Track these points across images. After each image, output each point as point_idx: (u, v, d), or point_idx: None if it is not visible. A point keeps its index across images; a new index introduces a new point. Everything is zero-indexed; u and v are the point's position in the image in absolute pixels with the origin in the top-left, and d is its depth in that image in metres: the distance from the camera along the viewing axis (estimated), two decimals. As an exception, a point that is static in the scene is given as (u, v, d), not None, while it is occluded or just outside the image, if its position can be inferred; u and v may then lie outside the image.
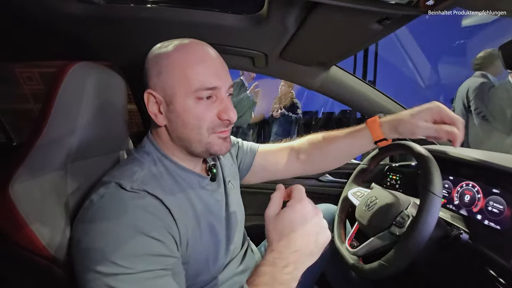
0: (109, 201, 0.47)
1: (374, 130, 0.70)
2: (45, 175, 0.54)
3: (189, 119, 0.53)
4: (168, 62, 0.53)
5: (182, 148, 0.58)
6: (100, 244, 0.43)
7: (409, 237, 0.56)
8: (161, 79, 0.53)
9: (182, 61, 0.52)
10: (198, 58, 0.53)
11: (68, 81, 0.57)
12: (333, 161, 0.80)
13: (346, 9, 0.50)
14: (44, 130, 0.55)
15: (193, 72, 0.52)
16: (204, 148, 0.56)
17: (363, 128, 0.72)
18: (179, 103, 0.53)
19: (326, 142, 0.78)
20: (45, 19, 0.68)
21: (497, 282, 0.58)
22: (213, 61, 0.54)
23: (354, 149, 0.75)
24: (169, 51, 0.54)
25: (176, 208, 0.52)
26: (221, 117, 0.55)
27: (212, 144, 0.56)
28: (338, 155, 0.78)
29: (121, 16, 0.72)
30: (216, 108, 0.55)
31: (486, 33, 4.38)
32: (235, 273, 0.66)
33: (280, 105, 4.02)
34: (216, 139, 0.57)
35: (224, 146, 0.58)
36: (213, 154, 0.58)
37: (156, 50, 0.56)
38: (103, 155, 0.69)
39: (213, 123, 0.55)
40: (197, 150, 0.57)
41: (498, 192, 0.65)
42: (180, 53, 0.53)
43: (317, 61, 0.90)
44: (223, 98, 0.55)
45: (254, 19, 0.70)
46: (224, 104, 0.55)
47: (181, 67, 0.52)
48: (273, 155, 0.83)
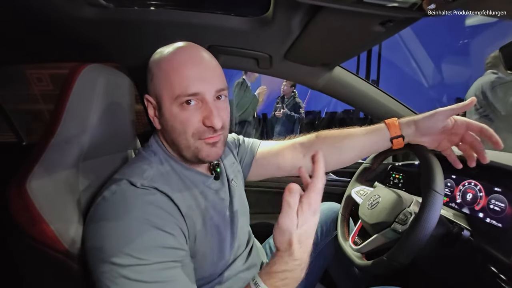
0: (121, 197, 0.49)
1: (392, 126, 0.70)
2: (59, 172, 0.56)
3: (175, 124, 0.54)
4: (158, 68, 0.54)
5: (176, 152, 0.60)
6: (115, 238, 0.45)
7: (411, 234, 0.57)
8: (152, 84, 0.56)
9: (168, 66, 0.53)
10: (184, 62, 0.53)
11: (80, 83, 0.59)
12: (345, 158, 0.77)
13: (350, 12, 0.51)
14: (57, 129, 0.57)
15: (176, 77, 0.52)
16: (192, 154, 0.56)
17: (381, 126, 0.72)
18: (166, 109, 0.54)
19: (339, 138, 0.76)
20: (57, 22, 0.70)
21: (498, 278, 0.59)
22: (199, 65, 0.53)
23: (368, 146, 0.74)
24: (160, 56, 0.55)
25: (183, 205, 0.54)
26: (205, 123, 0.54)
27: (200, 150, 0.56)
28: (351, 152, 0.76)
29: (129, 19, 0.74)
30: (201, 114, 0.54)
31: (490, 33, 4.35)
32: (240, 270, 0.67)
33: (282, 105, 4.03)
34: (203, 145, 0.56)
35: (213, 151, 0.57)
36: (201, 160, 0.58)
37: (154, 55, 0.58)
38: (112, 154, 0.72)
39: (198, 129, 0.54)
40: (187, 156, 0.57)
41: (500, 191, 0.66)
42: (168, 58, 0.53)
43: (320, 62, 0.91)
44: (208, 103, 0.53)
45: (259, 21, 0.71)
46: (208, 109, 0.53)
47: (166, 73, 0.53)
48: (275, 153, 0.80)
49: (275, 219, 0.50)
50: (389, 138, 0.70)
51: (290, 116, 4.00)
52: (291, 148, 0.80)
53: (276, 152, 0.80)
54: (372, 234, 0.72)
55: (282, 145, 0.81)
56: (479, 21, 3.81)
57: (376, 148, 0.74)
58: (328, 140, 0.77)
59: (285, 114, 3.99)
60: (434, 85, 5.87)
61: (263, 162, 0.81)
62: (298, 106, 4.02)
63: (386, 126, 0.71)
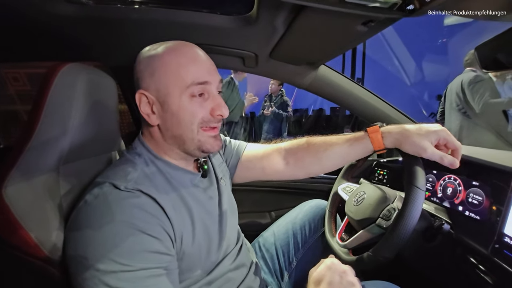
0: (104, 201, 0.47)
1: (375, 140, 0.68)
2: (37, 177, 0.53)
3: (184, 116, 0.55)
4: (161, 62, 0.54)
5: (176, 147, 0.59)
6: (97, 243, 0.44)
7: (394, 229, 0.59)
8: (154, 79, 0.55)
9: (175, 61, 0.54)
10: (190, 58, 0.55)
11: (58, 82, 0.56)
12: (328, 167, 0.77)
13: (332, 12, 0.52)
14: (35, 132, 0.55)
15: (186, 70, 0.54)
16: (196, 146, 0.58)
17: (363, 136, 0.70)
18: (174, 102, 0.55)
19: (322, 148, 0.75)
20: (33, 20, 0.67)
21: (477, 268, 0.62)
22: (202, 59, 0.57)
23: (351, 156, 0.74)
24: (160, 52, 0.55)
25: (169, 207, 0.53)
26: (214, 113, 0.57)
27: (203, 142, 0.58)
28: (333, 162, 0.76)
29: (110, 17, 0.71)
30: (209, 105, 0.57)
31: (466, 32, 4.52)
32: (229, 269, 0.67)
33: (270, 103, 4.05)
34: (207, 138, 0.58)
35: (216, 144, 0.60)
36: (205, 152, 0.60)
37: (146, 52, 0.57)
38: (95, 156, 0.69)
39: (204, 119, 0.57)
40: (190, 148, 0.58)
41: (478, 185, 0.69)
42: (172, 54, 0.55)
43: (306, 61, 0.92)
44: (215, 95, 0.58)
45: (244, 20, 0.71)
46: (217, 100, 0.58)
47: (174, 67, 0.54)
48: (261, 157, 0.80)
49: (263, 218, 0.50)
50: (372, 150, 0.70)
51: (278, 114, 4.03)
52: (276, 153, 0.80)
53: (261, 156, 0.81)
54: (358, 230, 0.73)
55: (268, 149, 0.82)
56: (457, 21, 3.96)
57: (359, 157, 0.74)
58: (312, 149, 0.77)
59: (273, 112, 4.02)
60: (416, 83, 6.06)
61: (249, 164, 0.81)
62: (285, 104, 4.06)
63: (369, 137, 0.69)
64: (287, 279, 0.86)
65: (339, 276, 0.53)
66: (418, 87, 6.06)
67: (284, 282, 0.86)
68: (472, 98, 2.15)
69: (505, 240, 0.57)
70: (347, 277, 0.52)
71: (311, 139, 0.79)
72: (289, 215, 0.99)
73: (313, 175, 0.82)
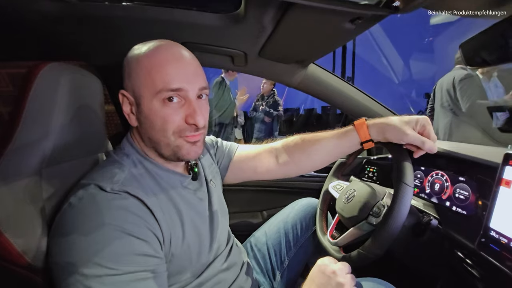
0: (89, 203, 0.46)
1: (361, 131, 0.69)
2: (18, 181, 0.51)
3: (156, 121, 0.53)
4: (137, 63, 0.53)
5: (153, 150, 0.58)
6: (82, 247, 0.42)
7: (384, 226, 0.59)
8: (130, 80, 0.54)
9: (149, 63, 0.52)
10: (166, 60, 0.52)
11: (39, 83, 0.54)
12: (318, 162, 0.78)
13: (320, 9, 0.52)
14: (15, 134, 0.53)
15: (158, 73, 0.51)
16: (172, 152, 0.55)
17: (350, 129, 0.72)
18: (146, 105, 0.53)
19: (310, 143, 0.76)
20: (15, 18, 0.65)
21: (465, 262, 0.63)
22: (182, 63, 0.53)
23: (339, 150, 0.75)
24: (140, 53, 0.53)
25: (158, 209, 0.52)
26: (188, 121, 0.53)
27: (180, 148, 0.55)
28: (323, 157, 0.77)
29: (95, 15, 0.70)
30: (184, 111, 0.53)
31: (452, 31, 4.63)
32: (220, 270, 0.66)
33: (262, 102, 4.06)
34: (184, 143, 0.55)
35: (193, 151, 0.56)
36: (181, 159, 0.57)
37: (131, 52, 0.56)
38: (80, 159, 0.67)
39: (180, 127, 0.53)
40: (165, 153, 0.56)
41: (464, 180, 0.71)
42: (149, 55, 0.52)
43: (295, 59, 0.92)
44: (191, 101, 0.53)
45: (232, 18, 0.70)
46: (192, 108, 0.53)
47: (147, 69, 0.52)
48: (252, 157, 0.81)
49: (254, 218, 0.50)
50: (359, 142, 0.71)
51: (269, 114, 4.04)
52: (267, 152, 0.81)
53: (253, 156, 0.81)
54: (348, 227, 0.74)
55: (259, 149, 0.83)
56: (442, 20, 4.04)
57: (347, 151, 0.75)
58: (300, 146, 0.78)
59: (264, 111, 4.03)
60: (404, 81, 6.18)
61: (240, 165, 0.81)
62: (277, 104, 4.07)
63: (355, 130, 0.70)
64: (279, 279, 0.86)
65: (328, 277, 0.54)
66: (406, 85, 6.18)
67: (276, 282, 0.86)
68: (461, 96, 2.18)
69: (491, 234, 0.58)
70: (336, 278, 0.53)
71: (301, 136, 0.80)
72: (280, 214, 0.99)
73: (305, 172, 0.83)
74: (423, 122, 0.66)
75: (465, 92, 2.16)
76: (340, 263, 0.56)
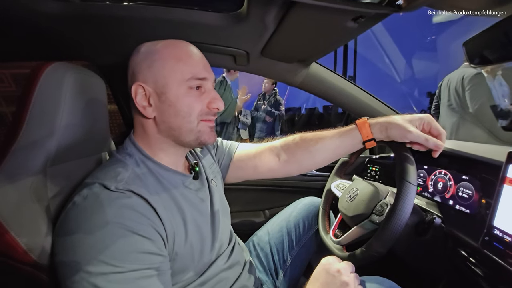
0: (94, 202, 0.46)
1: (363, 130, 0.69)
2: (23, 180, 0.52)
3: (182, 106, 0.56)
4: (160, 55, 0.56)
5: (171, 139, 0.60)
6: (87, 245, 0.43)
7: (387, 224, 0.59)
8: (152, 71, 0.55)
9: (174, 54, 0.56)
10: (187, 52, 0.58)
11: (43, 83, 0.55)
12: (320, 161, 0.78)
13: (323, 8, 0.52)
14: (20, 134, 0.53)
15: (184, 63, 0.56)
16: (195, 137, 0.59)
17: (352, 128, 0.72)
18: (172, 92, 0.56)
19: (312, 142, 0.76)
20: (18, 18, 0.65)
21: (468, 261, 0.63)
22: (198, 56, 0.60)
23: (341, 149, 0.74)
24: (158, 46, 0.57)
25: (161, 207, 0.52)
26: (210, 106, 0.59)
27: (202, 133, 0.60)
28: (325, 155, 0.76)
29: (98, 15, 0.70)
30: (206, 98, 0.59)
31: (455, 29, 4.60)
32: (222, 269, 0.67)
33: (263, 101, 4.06)
34: (205, 128, 0.60)
35: (212, 135, 0.62)
36: (202, 143, 0.61)
37: (143, 47, 0.59)
38: (84, 158, 0.68)
39: (202, 111, 0.59)
40: (187, 139, 0.59)
41: (467, 179, 0.70)
42: (170, 48, 0.57)
43: (297, 58, 0.92)
44: (211, 89, 0.61)
45: (234, 17, 0.71)
46: (213, 94, 0.60)
47: (173, 59, 0.56)
48: (253, 156, 0.81)
49: (257, 217, 0.50)
50: (361, 141, 0.71)
51: (271, 113, 4.04)
52: (268, 151, 0.81)
53: (253, 155, 0.81)
54: (351, 226, 0.74)
55: (259, 148, 0.82)
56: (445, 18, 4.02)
57: (350, 149, 0.74)
58: (302, 144, 0.78)
59: (266, 111, 4.03)
60: (406, 80, 6.14)
61: (241, 164, 0.82)
62: (278, 103, 4.07)
63: (358, 128, 0.70)
64: (282, 277, 0.86)
65: (332, 276, 0.53)
66: (408, 84, 6.15)
67: (279, 280, 0.86)
68: (471, 96, 2.10)
69: (494, 233, 0.58)
70: (341, 277, 0.53)
71: (302, 135, 0.80)
72: (283, 213, 0.99)
73: (306, 171, 0.83)
74: (427, 120, 0.66)
75: (476, 92, 2.10)
76: (344, 262, 0.56)
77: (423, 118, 0.66)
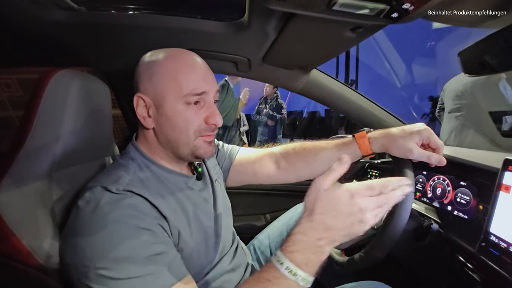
0: (96, 205, 0.48)
1: (363, 146, 0.69)
2: (29, 184, 0.53)
3: (178, 121, 0.56)
4: (160, 67, 0.56)
5: (169, 151, 0.60)
6: (96, 247, 0.44)
7: (385, 230, 0.60)
8: (152, 83, 0.56)
9: (173, 67, 0.55)
10: (188, 64, 0.57)
11: (50, 88, 0.56)
12: (318, 171, 0.78)
13: (322, 19, 0.53)
14: (27, 138, 0.55)
15: (183, 77, 0.55)
16: (190, 151, 0.59)
17: (351, 142, 0.71)
18: (169, 106, 0.55)
19: (311, 153, 0.77)
20: (25, 26, 0.67)
21: (466, 266, 0.64)
22: (201, 68, 0.58)
23: None
24: (160, 57, 0.57)
25: (163, 206, 0.54)
26: (208, 121, 0.58)
27: (198, 147, 0.59)
28: (323, 166, 0.77)
29: (103, 23, 0.72)
30: (204, 113, 0.58)
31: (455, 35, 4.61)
32: (226, 270, 0.68)
33: (265, 105, 4.08)
34: (202, 143, 0.59)
35: (209, 150, 0.61)
36: (198, 157, 0.61)
37: (147, 57, 0.59)
38: (89, 162, 0.69)
39: (200, 127, 0.58)
40: (183, 153, 0.59)
41: (465, 185, 0.71)
42: (171, 60, 0.56)
43: (298, 65, 0.94)
44: (210, 103, 0.59)
45: (236, 26, 0.72)
46: (211, 109, 0.58)
47: (172, 72, 0.55)
48: (253, 161, 0.82)
49: (258, 221, 0.51)
50: (360, 155, 0.71)
51: (272, 117, 4.05)
52: (268, 157, 0.82)
53: (253, 160, 0.83)
54: (350, 231, 0.74)
55: (260, 153, 0.84)
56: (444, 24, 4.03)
57: None
58: (302, 154, 0.79)
59: (267, 114, 4.04)
60: (406, 86, 6.16)
61: (241, 168, 0.83)
62: (280, 107, 4.08)
63: (357, 144, 0.70)
64: (282, 282, 0.87)
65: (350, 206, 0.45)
66: (408, 90, 6.16)
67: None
68: (479, 101, 1.98)
69: (490, 239, 0.58)
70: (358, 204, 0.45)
71: (302, 144, 0.81)
72: (283, 217, 1.00)
73: (304, 179, 0.83)
74: (427, 134, 0.64)
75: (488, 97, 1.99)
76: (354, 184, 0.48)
77: (422, 132, 0.63)
